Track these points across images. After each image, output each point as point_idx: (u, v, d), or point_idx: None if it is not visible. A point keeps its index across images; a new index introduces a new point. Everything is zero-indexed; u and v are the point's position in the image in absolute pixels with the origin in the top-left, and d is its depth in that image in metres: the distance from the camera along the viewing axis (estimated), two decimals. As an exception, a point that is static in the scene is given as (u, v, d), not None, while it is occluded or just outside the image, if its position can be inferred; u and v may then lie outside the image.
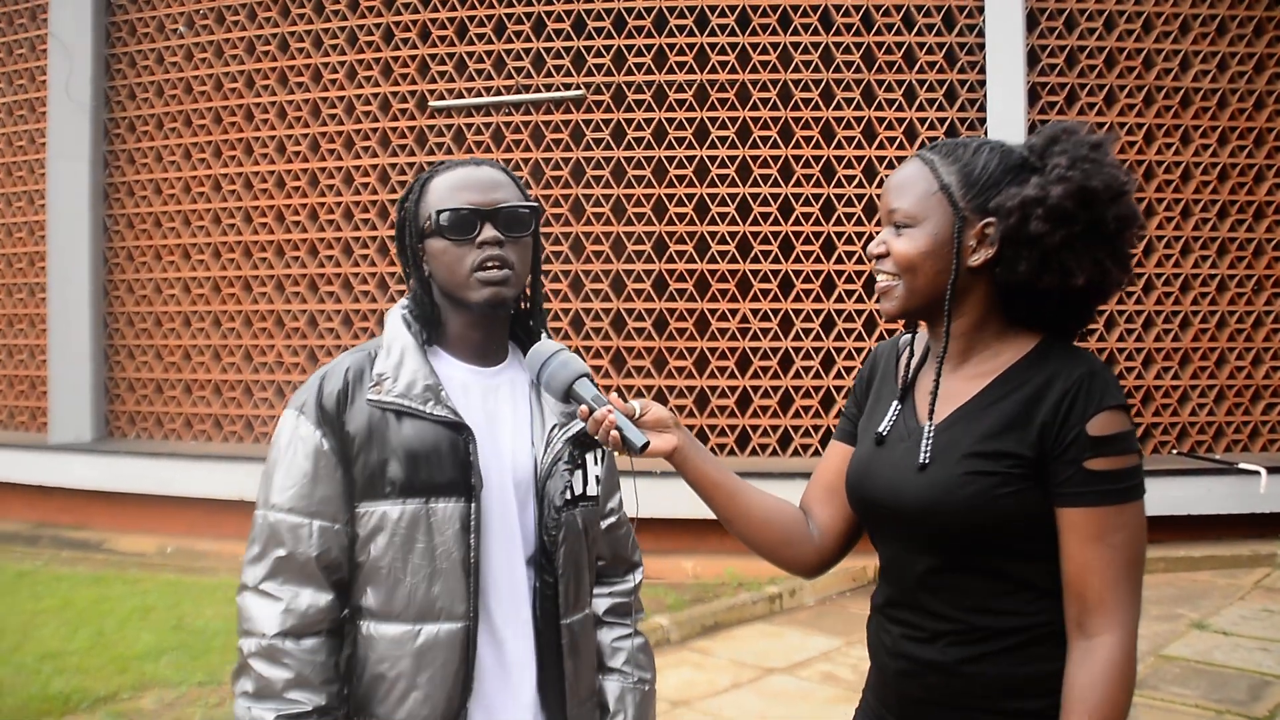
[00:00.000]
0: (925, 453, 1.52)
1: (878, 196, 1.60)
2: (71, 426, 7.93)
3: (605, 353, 7.02)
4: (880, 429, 1.63)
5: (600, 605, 1.86)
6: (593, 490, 1.75)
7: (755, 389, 6.92)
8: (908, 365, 1.67)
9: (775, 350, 6.91)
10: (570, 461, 1.71)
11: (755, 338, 6.92)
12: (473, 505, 1.62)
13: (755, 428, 6.91)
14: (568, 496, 1.70)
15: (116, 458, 7.56)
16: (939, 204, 1.52)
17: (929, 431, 1.53)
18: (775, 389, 6.90)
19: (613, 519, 1.88)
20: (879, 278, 1.58)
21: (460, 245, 1.65)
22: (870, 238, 6.48)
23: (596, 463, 1.77)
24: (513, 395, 1.75)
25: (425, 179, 1.72)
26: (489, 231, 1.65)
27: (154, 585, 6.18)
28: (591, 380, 1.62)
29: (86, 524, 7.58)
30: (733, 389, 6.94)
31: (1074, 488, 1.44)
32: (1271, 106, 7.04)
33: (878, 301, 1.61)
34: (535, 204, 1.72)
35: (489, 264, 1.64)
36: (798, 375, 6.89)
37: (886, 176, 1.61)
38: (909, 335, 1.70)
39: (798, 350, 6.89)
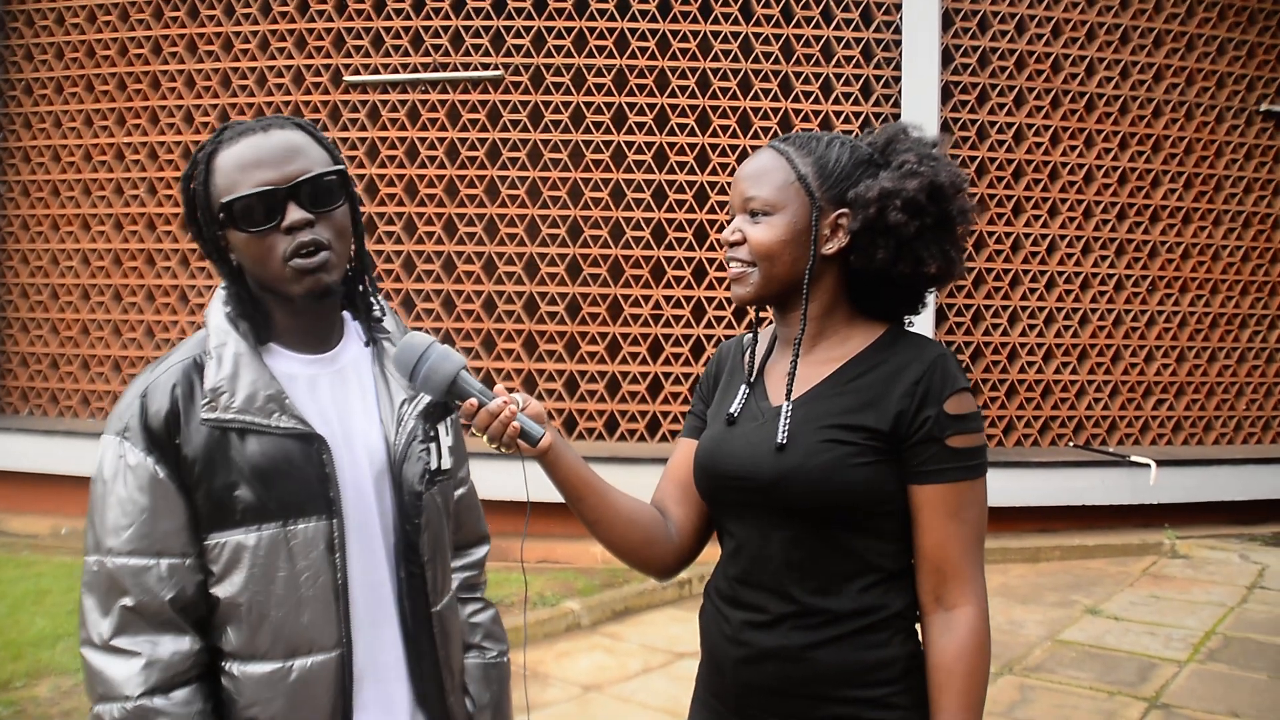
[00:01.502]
0: (784, 428, 1.55)
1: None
2: (-41, 401, 7.62)
3: (517, 336, 6.98)
4: (731, 410, 1.66)
5: (453, 580, 1.73)
6: (446, 463, 1.61)
7: (667, 375, 6.96)
8: (753, 355, 1.71)
9: (687, 337, 6.96)
10: (425, 438, 1.57)
11: (668, 324, 6.96)
12: (334, 522, 1.46)
13: (666, 414, 6.95)
14: (426, 479, 1.56)
15: (8, 435, 7.26)
16: (797, 194, 1.56)
17: (787, 409, 1.57)
18: (686, 375, 6.95)
19: (464, 489, 1.75)
20: (731, 265, 1.61)
21: (264, 236, 1.43)
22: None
23: (447, 433, 1.63)
24: (358, 377, 1.58)
25: (210, 152, 1.47)
26: (295, 213, 1.43)
27: (48, 568, 5.96)
28: (468, 369, 1.49)
29: (-26, 503, 7.29)
30: (644, 374, 6.97)
31: (935, 465, 1.50)
32: (1168, 115, 7.33)
33: (728, 288, 1.65)
34: (341, 166, 1.52)
35: (302, 251, 1.43)
36: (710, 363, 6.93)
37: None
38: (750, 335, 1.76)
39: (709, 338, 6.94)
